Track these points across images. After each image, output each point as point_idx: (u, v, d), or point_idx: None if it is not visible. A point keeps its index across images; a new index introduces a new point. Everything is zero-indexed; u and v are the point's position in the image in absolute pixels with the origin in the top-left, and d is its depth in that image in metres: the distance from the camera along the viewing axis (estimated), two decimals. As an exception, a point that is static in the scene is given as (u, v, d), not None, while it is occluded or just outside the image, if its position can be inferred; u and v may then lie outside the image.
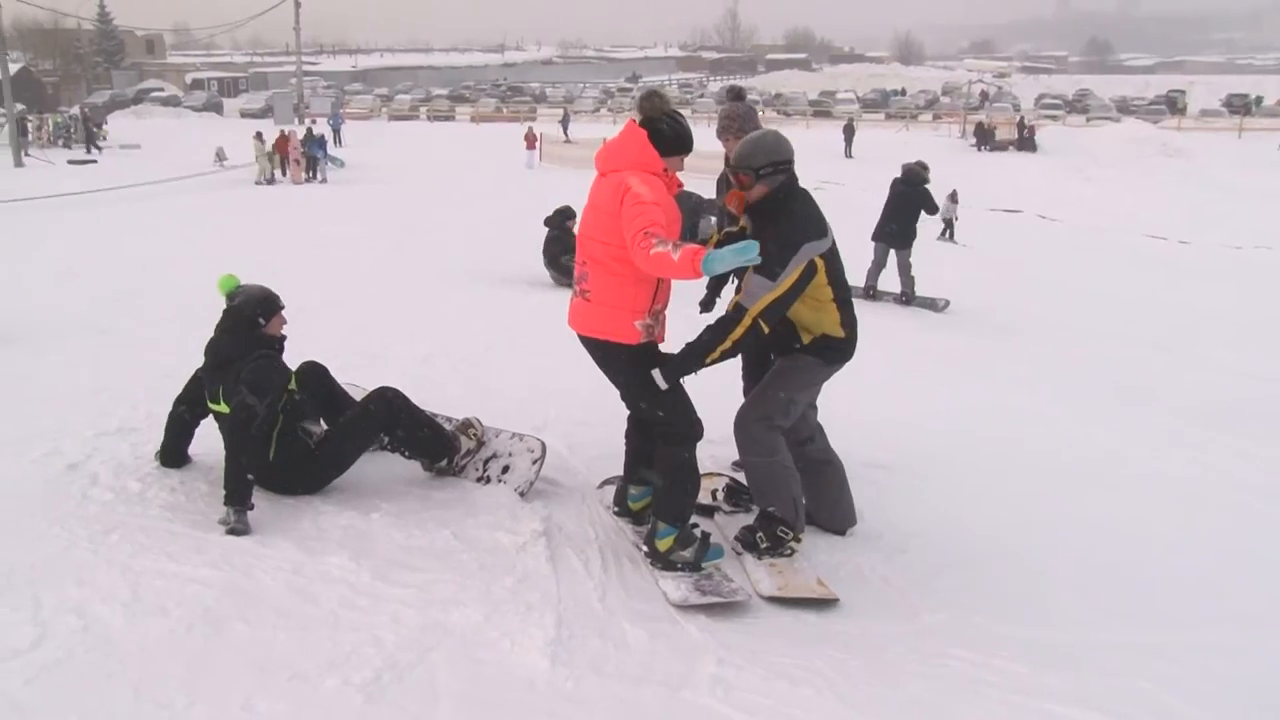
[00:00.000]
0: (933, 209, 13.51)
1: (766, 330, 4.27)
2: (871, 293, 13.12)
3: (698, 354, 4.26)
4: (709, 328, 4.32)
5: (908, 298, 13.04)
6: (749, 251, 3.59)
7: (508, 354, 8.29)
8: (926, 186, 13.27)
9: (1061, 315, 13.41)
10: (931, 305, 13.01)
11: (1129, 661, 4.02)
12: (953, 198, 21.23)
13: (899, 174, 13.38)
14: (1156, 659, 4.06)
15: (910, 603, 4.36)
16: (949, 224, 21.22)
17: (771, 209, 4.38)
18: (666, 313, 4.38)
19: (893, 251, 13.07)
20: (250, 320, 4.88)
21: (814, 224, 4.36)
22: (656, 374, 4.24)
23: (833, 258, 4.45)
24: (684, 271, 3.69)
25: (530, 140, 36.08)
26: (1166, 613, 4.53)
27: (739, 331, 4.23)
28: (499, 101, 73.04)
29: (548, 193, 18.44)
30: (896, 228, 12.97)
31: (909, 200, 13.09)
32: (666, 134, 4.18)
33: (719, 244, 4.47)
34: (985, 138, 47.28)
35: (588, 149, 26.33)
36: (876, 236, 13.14)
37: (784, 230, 4.28)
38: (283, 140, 27.66)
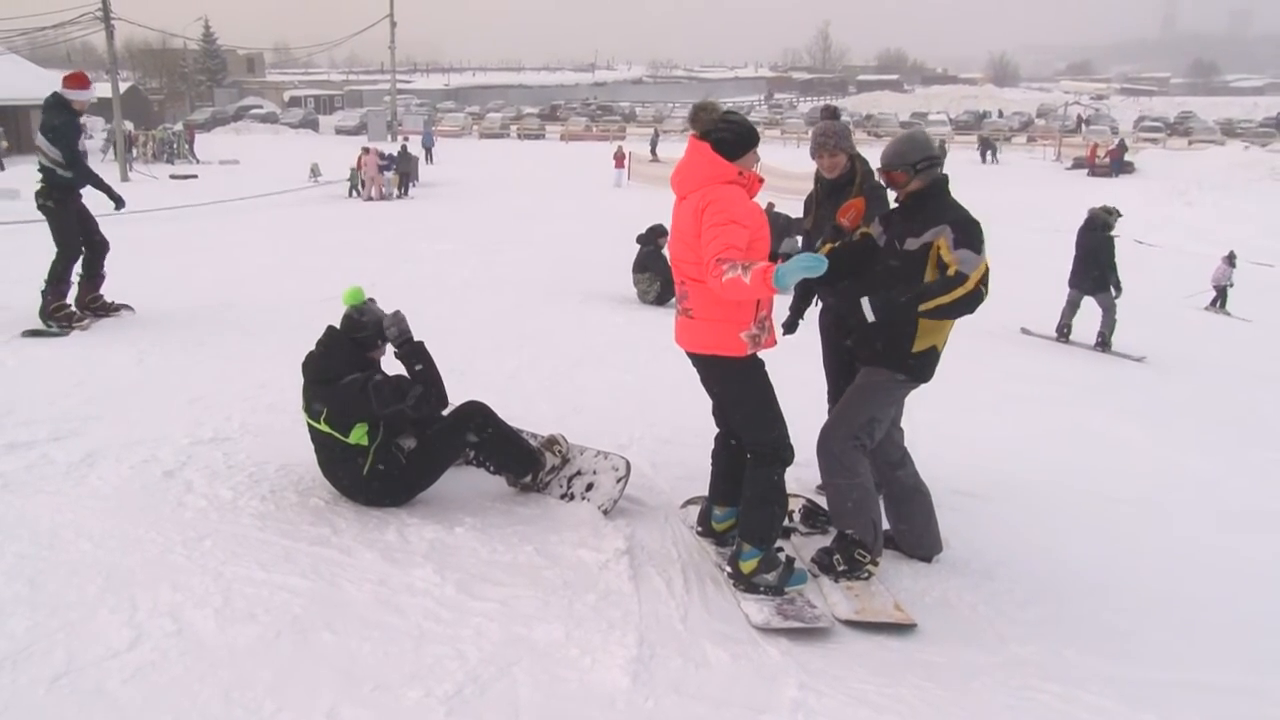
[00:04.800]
0: (1108, 262, 12.47)
1: (986, 295, 4.23)
2: (1064, 332, 12.83)
3: (914, 299, 4.20)
4: (934, 281, 4.26)
5: (1104, 341, 12.52)
6: (818, 263, 3.54)
7: (594, 371, 8.32)
8: (1110, 235, 12.62)
9: (1161, 342, 13.08)
10: (1127, 356, 12.34)
11: (1226, 704, 3.88)
12: (1229, 260, 18.45)
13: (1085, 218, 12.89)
14: (1258, 702, 3.93)
15: (998, 632, 4.27)
16: (1222, 291, 18.28)
17: (931, 200, 4.44)
18: (772, 318, 4.31)
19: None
20: (366, 343, 4.98)
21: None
22: (865, 302, 4.20)
23: None
24: (758, 291, 3.69)
25: (619, 159, 36.38)
26: (1269, 655, 4.37)
27: (960, 292, 4.19)
28: (589, 120, 73.62)
29: (636, 211, 18.55)
30: (1097, 274, 12.49)
31: (1089, 248, 12.57)
32: (729, 138, 4.11)
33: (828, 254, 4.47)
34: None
35: (676, 168, 26.41)
36: (1072, 283, 12.76)
37: (961, 216, 4.35)
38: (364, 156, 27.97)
